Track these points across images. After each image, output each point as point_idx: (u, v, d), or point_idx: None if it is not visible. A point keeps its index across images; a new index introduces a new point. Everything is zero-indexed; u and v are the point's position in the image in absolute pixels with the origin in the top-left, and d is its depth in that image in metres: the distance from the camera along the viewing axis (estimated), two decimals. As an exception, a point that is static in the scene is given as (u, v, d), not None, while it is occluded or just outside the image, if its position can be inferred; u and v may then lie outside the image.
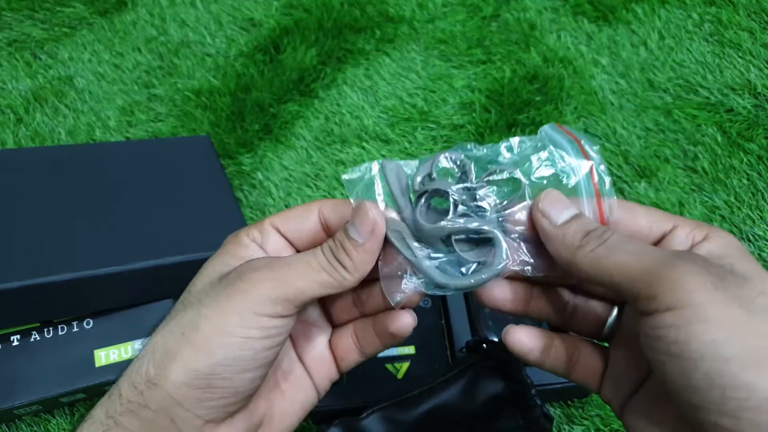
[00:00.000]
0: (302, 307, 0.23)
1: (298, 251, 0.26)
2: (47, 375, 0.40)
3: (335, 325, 0.29)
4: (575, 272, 0.22)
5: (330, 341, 0.28)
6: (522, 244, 0.24)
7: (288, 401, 0.26)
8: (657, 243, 0.23)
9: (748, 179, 0.53)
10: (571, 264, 0.22)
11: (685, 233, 0.22)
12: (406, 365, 0.41)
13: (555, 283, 0.26)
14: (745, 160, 0.54)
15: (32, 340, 0.41)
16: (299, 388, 0.27)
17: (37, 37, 0.66)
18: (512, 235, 0.24)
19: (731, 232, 0.50)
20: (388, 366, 0.41)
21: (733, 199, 0.51)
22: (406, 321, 0.26)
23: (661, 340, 0.18)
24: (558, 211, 0.23)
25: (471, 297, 0.43)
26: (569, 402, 0.42)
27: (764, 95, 0.58)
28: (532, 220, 0.24)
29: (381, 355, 0.41)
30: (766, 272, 0.20)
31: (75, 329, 0.42)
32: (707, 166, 0.53)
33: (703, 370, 0.17)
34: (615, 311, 0.25)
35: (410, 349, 0.41)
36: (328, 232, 0.26)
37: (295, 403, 0.27)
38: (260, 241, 0.25)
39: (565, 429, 0.41)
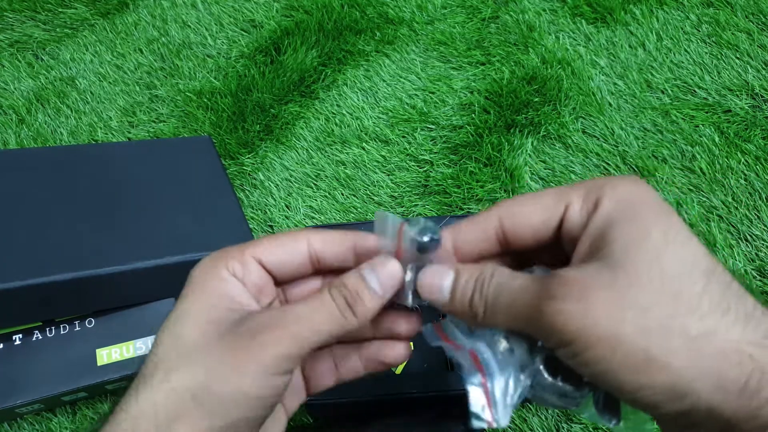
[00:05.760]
0: None
1: (277, 283, 0.25)
2: (49, 374, 0.40)
3: None
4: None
5: (303, 366, 0.27)
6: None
7: None
8: (560, 229, 0.22)
9: (745, 179, 0.53)
10: (480, 326, 0.23)
11: (578, 210, 0.21)
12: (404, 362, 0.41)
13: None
14: (742, 160, 0.54)
15: (34, 339, 0.41)
16: (275, 419, 0.26)
17: (39, 38, 0.67)
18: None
19: (728, 232, 0.50)
20: (388, 364, 0.41)
21: (730, 200, 0.52)
22: (400, 352, 0.25)
23: (572, 365, 0.20)
24: (437, 292, 0.23)
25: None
26: (568, 400, 0.42)
27: (762, 96, 0.58)
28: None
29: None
30: (645, 235, 0.19)
31: (77, 328, 0.42)
32: (705, 166, 0.54)
33: (609, 383, 0.19)
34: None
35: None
36: (317, 266, 0.25)
37: None
38: (241, 275, 0.24)
39: (564, 428, 0.42)
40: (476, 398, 0.22)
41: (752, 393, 0.17)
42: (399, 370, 0.41)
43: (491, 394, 0.22)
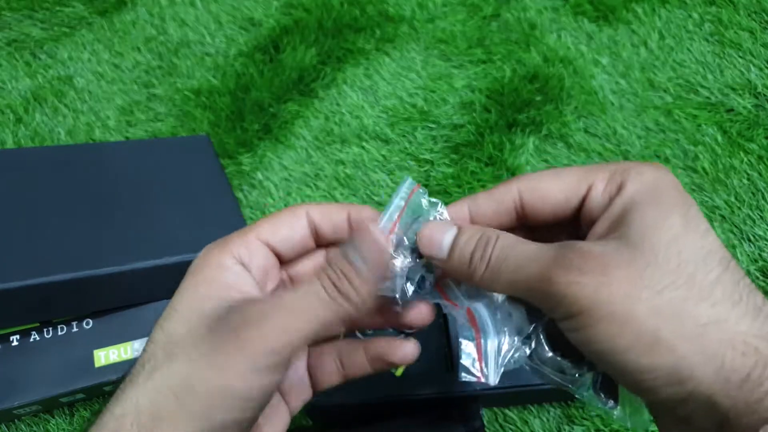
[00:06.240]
0: None
1: (282, 262, 0.24)
2: (47, 375, 0.40)
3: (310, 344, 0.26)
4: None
5: (308, 363, 0.26)
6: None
7: None
8: (579, 208, 0.22)
9: (748, 179, 0.52)
10: (478, 287, 0.22)
11: (600, 191, 0.21)
12: (405, 364, 0.40)
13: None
14: (745, 160, 0.53)
15: (32, 340, 0.41)
16: (277, 419, 0.25)
17: (37, 37, 0.66)
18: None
19: (731, 232, 0.50)
20: (388, 365, 0.41)
21: (733, 199, 0.51)
22: (410, 350, 0.24)
23: (572, 340, 0.19)
24: (437, 247, 0.22)
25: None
26: (569, 402, 0.42)
27: (765, 95, 0.58)
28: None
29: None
30: (664, 218, 0.19)
31: (74, 329, 0.42)
32: (707, 166, 0.53)
33: (611, 362, 0.18)
34: None
35: (410, 349, 0.41)
36: (318, 240, 0.24)
37: None
38: (247, 260, 0.22)
39: (565, 429, 0.41)
40: (468, 352, 0.22)
41: (753, 386, 0.17)
42: (399, 372, 0.40)
43: (483, 350, 0.22)
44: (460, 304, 0.23)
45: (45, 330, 0.41)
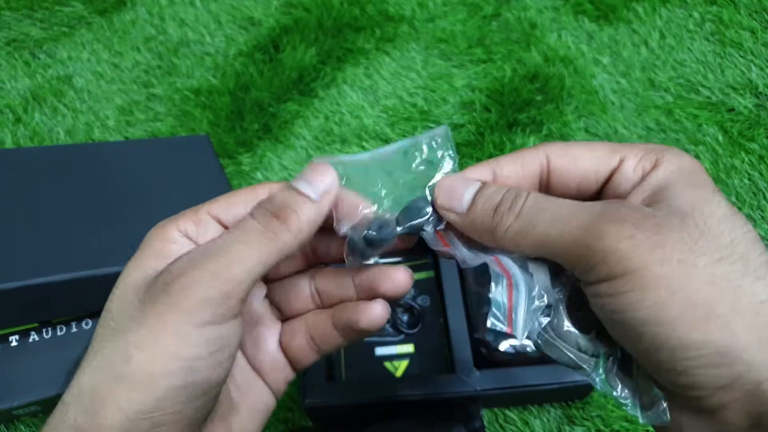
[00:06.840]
0: (246, 299, 0.19)
1: None
2: (46, 376, 0.40)
3: (284, 318, 0.25)
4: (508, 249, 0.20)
5: (281, 341, 0.24)
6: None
7: (246, 417, 0.23)
8: (606, 182, 0.21)
9: (749, 179, 0.52)
10: (498, 245, 0.20)
11: (633, 166, 0.20)
12: (405, 363, 0.40)
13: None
14: (746, 159, 0.53)
15: (31, 340, 0.41)
16: (256, 399, 0.24)
17: (36, 37, 0.66)
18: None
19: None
20: (387, 364, 0.40)
21: (734, 199, 0.51)
22: (378, 313, 0.22)
23: (604, 308, 0.18)
24: (457, 199, 0.21)
25: (469, 296, 0.43)
26: (569, 402, 0.42)
27: (766, 95, 0.58)
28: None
29: (379, 353, 0.41)
30: (710, 198, 0.18)
31: (74, 330, 0.42)
32: (708, 165, 0.53)
33: (649, 335, 0.16)
34: None
35: (409, 348, 0.41)
36: None
37: (254, 415, 0.23)
38: (195, 235, 0.21)
39: (565, 430, 0.41)
40: (498, 300, 0.20)
41: None
42: (399, 373, 0.40)
43: (515, 300, 0.20)
44: (468, 259, 0.21)
45: (44, 330, 0.41)
